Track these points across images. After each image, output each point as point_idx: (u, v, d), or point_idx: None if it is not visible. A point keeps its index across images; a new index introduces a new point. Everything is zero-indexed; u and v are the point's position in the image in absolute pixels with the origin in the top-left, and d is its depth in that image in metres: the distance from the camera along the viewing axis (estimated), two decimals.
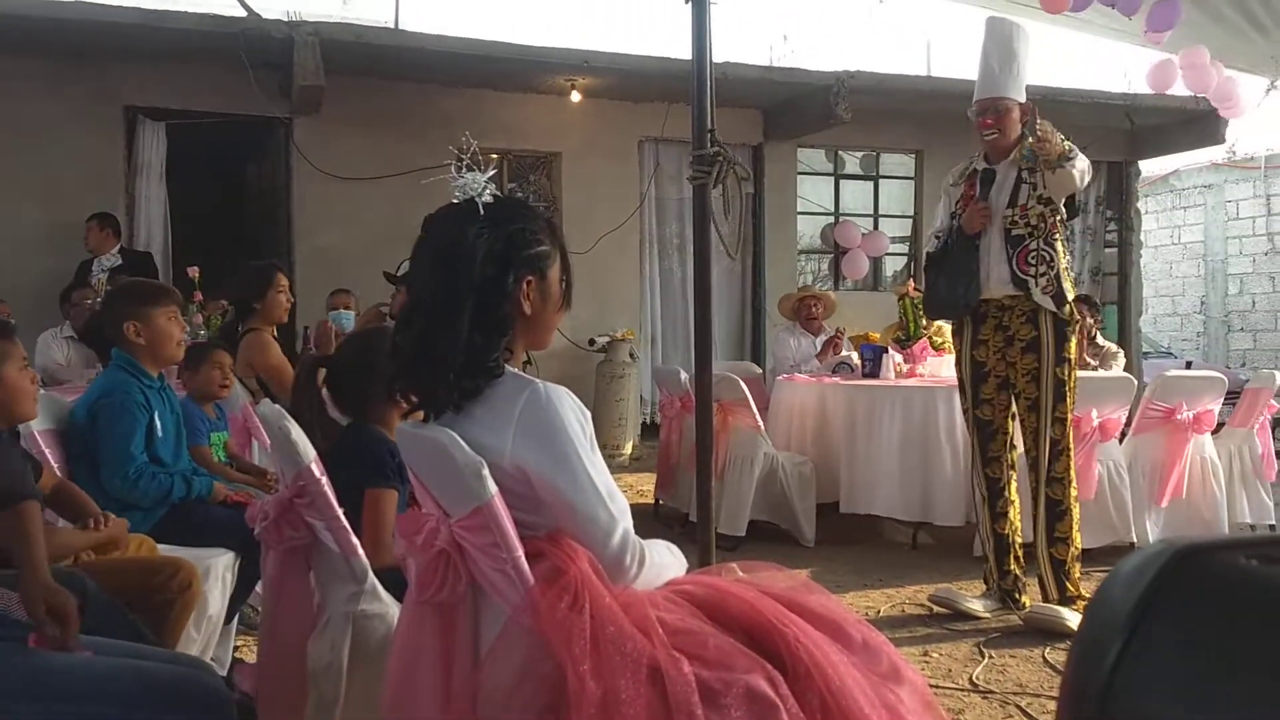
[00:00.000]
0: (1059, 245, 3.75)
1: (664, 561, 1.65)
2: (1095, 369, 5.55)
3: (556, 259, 1.70)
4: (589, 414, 1.62)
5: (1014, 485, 3.92)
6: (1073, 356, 3.79)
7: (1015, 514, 3.91)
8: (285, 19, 7.06)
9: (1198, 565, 0.48)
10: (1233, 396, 5.30)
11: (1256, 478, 5.05)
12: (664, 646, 1.40)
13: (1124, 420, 4.77)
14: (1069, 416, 3.78)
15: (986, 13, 6.52)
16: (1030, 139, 3.67)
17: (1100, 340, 6.12)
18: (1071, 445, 3.81)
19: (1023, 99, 3.80)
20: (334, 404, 2.45)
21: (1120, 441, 4.79)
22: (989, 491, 3.90)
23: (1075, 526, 3.78)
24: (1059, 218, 3.75)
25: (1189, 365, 10.28)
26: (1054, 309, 3.70)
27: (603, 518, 1.53)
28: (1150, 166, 11.70)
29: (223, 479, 3.29)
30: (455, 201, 1.67)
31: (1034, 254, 3.71)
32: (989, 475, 3.89)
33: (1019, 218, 3.73)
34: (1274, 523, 5.11)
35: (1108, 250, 10.44)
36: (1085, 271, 10.13)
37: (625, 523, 1.56)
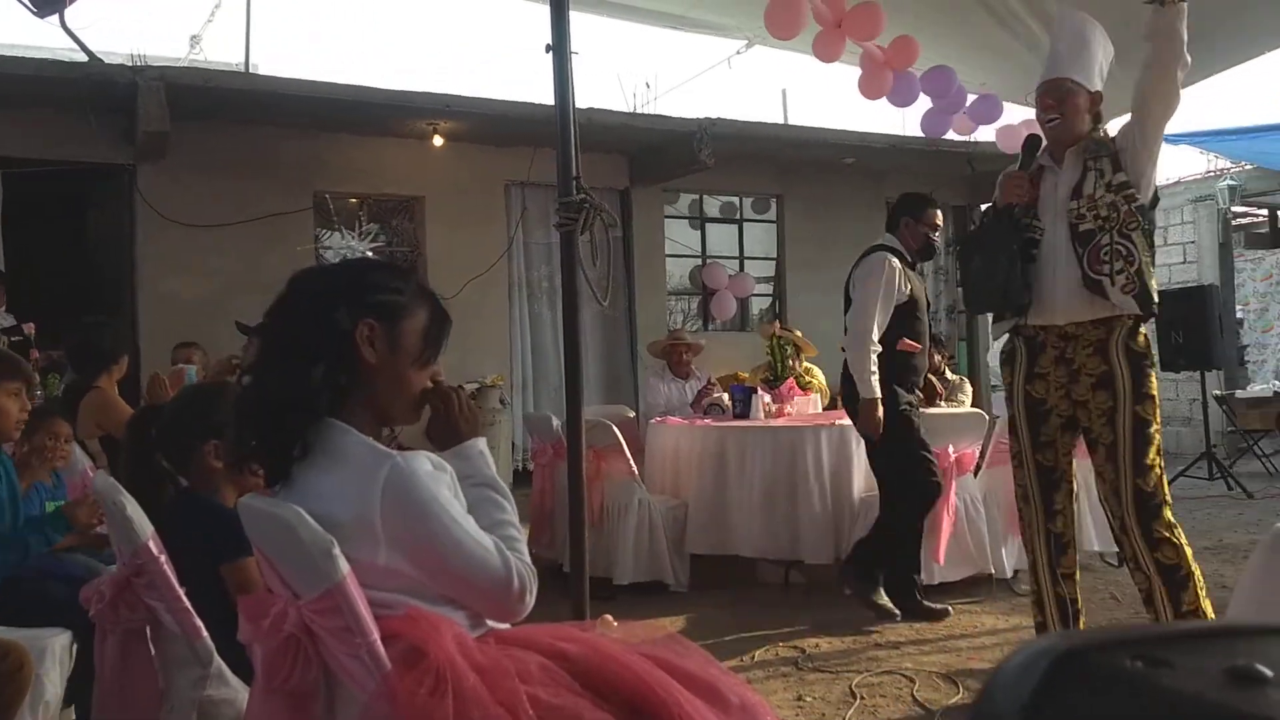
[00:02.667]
0: (1137, 237, 3.10)
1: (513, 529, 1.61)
2: (944, 402, 5.77)
3: (418, 313, 1.61)
4: (444, 462, 1.55)
5: (1075, 536, 3.39)
6: (1155, 393, 3.13)
7: (1075, 567, 3.36)
8: (129, 63, 6.75)
9: (1082, 669, 0.46)
10: None
11: None
12: None
13: (978, 454, 4.92)
14: (1158, 463, 3.09)
15: (841, 68, 6.73)
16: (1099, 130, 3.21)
17: (949, 374, 6.37)
18: (1168, 497, 3.11)
19: (1094, 87, 3.24)
20: (163, 456, 2.29)
21: (975, 475, 4.94)
22: (1052, 549, 3.29)
23: (1203, 592, 3.05)
24: (1135, 204, 3.10)
25: None
26: (1138, 310, 3.09)
27: (498, 569, 1.50)
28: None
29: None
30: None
31: (1107, 250, 3.09)
32: (1051, 531, 3.28)
33: (1085, 210, 3.13)
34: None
35: (959, 288, 10.89)
36: (941, 310, 10.53)
37: (511, 560, 1.52)
